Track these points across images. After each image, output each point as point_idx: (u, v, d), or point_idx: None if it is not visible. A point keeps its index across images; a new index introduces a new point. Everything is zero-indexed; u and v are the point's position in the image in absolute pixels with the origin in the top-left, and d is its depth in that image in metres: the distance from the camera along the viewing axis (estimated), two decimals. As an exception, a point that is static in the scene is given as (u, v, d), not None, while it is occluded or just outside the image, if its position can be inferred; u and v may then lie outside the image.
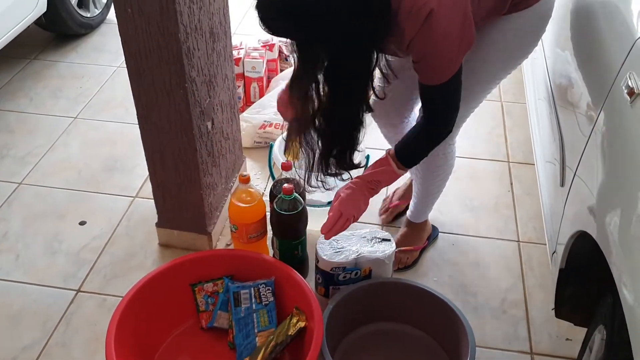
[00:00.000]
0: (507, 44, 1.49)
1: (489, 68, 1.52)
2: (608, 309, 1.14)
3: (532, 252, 1.95)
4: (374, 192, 1.52)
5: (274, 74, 2.60)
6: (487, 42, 1.47)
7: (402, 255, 1.89)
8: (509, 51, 1.51)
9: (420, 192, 1.83)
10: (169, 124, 1.67)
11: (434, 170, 1.74)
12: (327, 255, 1.62)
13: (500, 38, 1.46)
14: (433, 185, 1.80)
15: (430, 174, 1.76)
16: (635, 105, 1.05)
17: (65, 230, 2.01)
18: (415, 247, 1.92)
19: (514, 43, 1.49)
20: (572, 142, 1.40)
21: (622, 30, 1.19)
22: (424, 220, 1.92)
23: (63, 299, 1.78)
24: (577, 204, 1.27)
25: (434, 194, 1.84)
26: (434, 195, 1.84)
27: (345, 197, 1.51)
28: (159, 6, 1.45)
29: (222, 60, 1.82)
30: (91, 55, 2.96)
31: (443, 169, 1.75)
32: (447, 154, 1.70)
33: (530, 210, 2.10)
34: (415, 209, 1.88)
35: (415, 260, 1.92)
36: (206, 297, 1.66)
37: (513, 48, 1.51)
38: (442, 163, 1.72)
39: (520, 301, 1.81)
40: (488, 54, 1.48)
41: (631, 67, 1.09)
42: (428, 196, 1.84)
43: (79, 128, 2.48)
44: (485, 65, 1.51)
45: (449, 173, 1.78)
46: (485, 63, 1.50)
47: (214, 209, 1.92)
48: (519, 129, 2.48)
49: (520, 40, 1.49)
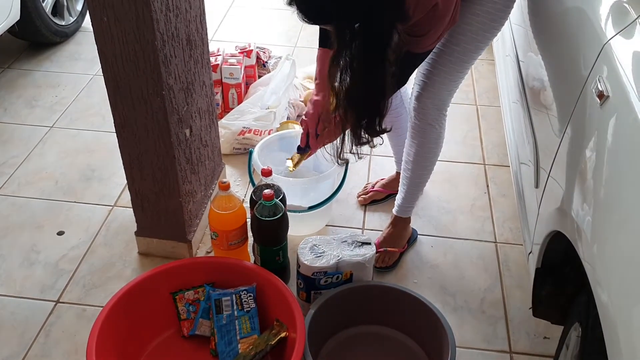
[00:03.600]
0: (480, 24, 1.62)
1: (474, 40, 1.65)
2: (583, 307, 1.16)
3: (509, 253, 1.98)
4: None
5: (252, 80, 2.61)
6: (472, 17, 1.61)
7: (385, 255, 1.92)
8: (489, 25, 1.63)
9: (411, 179, 1.88)
10: (147, 132, 1.67)
11: (428, 147, 1.82)
12: (308, 260, 1.63)
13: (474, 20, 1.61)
14: (425, 168, 1.87)
15: (424, 152, 1.83)
16: (604, 107, 1.08)
17: (43, 240, 1.99)
18: (398, 249, 1.95)
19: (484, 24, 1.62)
20: (545, 144, 1.43)
21: (591, 35, 1.22)
22: (408, 216, 1.96)
23: (42, 311, 1.77)
24: (551, 205, 1.30)
25: (424, 179, 1.90)
26: (423, 181, 1.90)
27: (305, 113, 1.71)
28: (135, 15, 1.46)
29: (199, 67, 1.82)
30: (66, 63, 2.93)
31: (438, 142, 1.82)
32: (441, 125, 1.79)
33: (506, 211, 2.14)
34: (403, 200, 1.92)
35: (395, 262, 1.94)
36: (187, 305, 1.66)
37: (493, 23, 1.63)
38: (438, 134, 1.80)
39: (499, 301, 1.83)
40: (464, 35, 1.63)
41: (600, 70, 1.12)
42: (419, 183, 1.89)
43: (55, 137, 2.46)
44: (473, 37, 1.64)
45: (439, 150, 1.85)
46: (462, 43, 1.64)
47: (193, 217, 1.92)
48: (493, 132, 2.52)
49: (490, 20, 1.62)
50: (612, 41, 1.11)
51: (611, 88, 1.06)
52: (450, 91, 1.75)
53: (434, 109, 1.74)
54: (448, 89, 1.73)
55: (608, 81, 1.07)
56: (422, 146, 1.81)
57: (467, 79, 2.80)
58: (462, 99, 2.68)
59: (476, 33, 1.62)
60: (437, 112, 1.76)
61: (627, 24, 1.09)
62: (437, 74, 1.69)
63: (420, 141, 1.80)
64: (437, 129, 1.79)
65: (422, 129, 1.78)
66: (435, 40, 1.54)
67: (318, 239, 1.71)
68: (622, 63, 1.07)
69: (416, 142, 1.81)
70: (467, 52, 1.66)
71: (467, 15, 1.59)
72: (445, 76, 1.69)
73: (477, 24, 1.60)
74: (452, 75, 1.70)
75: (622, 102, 1.02)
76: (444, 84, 1.70)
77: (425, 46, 1.55)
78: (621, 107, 1.03)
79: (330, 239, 1.71)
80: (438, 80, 1.70)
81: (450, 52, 1.65)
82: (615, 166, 1.02)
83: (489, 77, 2.86)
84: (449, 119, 1.78)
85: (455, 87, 1.75)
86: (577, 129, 1.20)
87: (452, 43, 1.64)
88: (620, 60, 1.07)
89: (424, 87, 1.72)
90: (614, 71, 1.07)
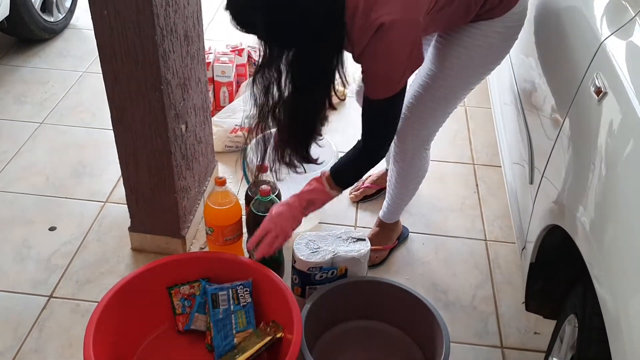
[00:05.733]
0: (471, 57, 1.51)
1: (462, 75, 1.55)
2: (578, 299, 1.19)
3: (499, 250, 2.01)
4: (307, 211, 1.54)
5: (243, 79, 2.62)
6: (453, 55, 1.51)
7: (372, 254, 1.92)
8: (472, 65, 1.53)
9: (394, 195, 1.87)
10: (143, 127, 1.67)
11: (409, 177, 1.79)
12: (304, 256, 1.65)
13: (463, 52, 1.50)
14: (407, 189, 1.84)
15: (405, 180, 1.80)
16: (602, 103, 1.11)
17: (35, 236, 1.98)
18: (385, 247, 1.96)
19: (478, 56, 1.51)
20: (541, 140, 1.46)
21: (588, 34, 1.26)
22: (395, 221, 1.97)
23: (35, 305, 1.76)
24: (547, 199, 1.33)
25: (408, 198, 1.89)
26: (407, 199, 1.89)
27: (275, 213, 1.53)
28: (136, 8, 1.46)
29: (195, 64, 1.83)
30: (55, 60, 2.92)
31: (418, 175, 1.79)
32: (422, 160, 1.74)
33: (496, 210, 2.17)
34: (388, 210, 1.93)
35: (384, 259, 1.96)
36: (183, 299, 1.66)
37: (485, 59, 1.54)
38: (417, 170, 1.77)
39: (490, 297, 1.86)
40: (452, 69, 1.52)
41: (598, 68, 1.15)
42: (401, 199, 1.88)
43: (45, 133, 2.44)
44: (460, 71, 1.54)
45: (423, 177, 1.83)
46: (450, 78, 1.54)
47: (187, 213, 1.92)
48: (482, 133, 2.55)
49: (485, 53, 1.51)
50: (610, 39, 1.15)
51: (609, 84, 1.09)
52: (434, 129, 1.65)
53: (415, 145, 1.66)
54: (432, 126, 1.63)
55: (606, 78, 1.11)
56: (403, 175, 1.77)
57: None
58: (450, 100, 2.72)
59: (466, 67, 1.51)
60: (419, 148, 1.67)
61: (626, 21, 1.13)
62: (421, 109, 1.58)
63: (401, 171, 1.76)
64: (418, 164, 1.72)
65: (400, 164, 1.72)
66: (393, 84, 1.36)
67: (313, 234, 1.72)
68: (619, 60, 1.10)
69: (396, 169, 1.76)
70: (458, 85, 1.55)
71: (455, 48, 1.49)
72: (430, 112, 1.59)
73: (467, 57, 1.49)
74: (437, 112, 1.59)
75: (620, 98, 1.06)
76: (427, 120, 1.60)
77: (375, 90, 1.38)
78: (619, 103, 1.06)
79: (326, 235, 1.72)
80: (421, 116, 1.59)
81: (437, 86, 1.54)
82: (613, 160, 1.05)
83: (476, 79, 2.90)
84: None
85: (440, 124, 1.65)
86: (575, 124, 1.23)
87: (439, 77, 1.52)
88: (618, 58, 1.11)
89: (405, 123, 1.61)
90: (611, 68, 1.10)
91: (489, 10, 1.44)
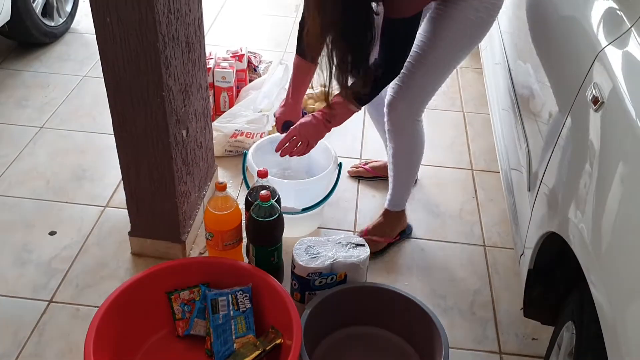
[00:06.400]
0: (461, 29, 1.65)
1: (450, 46, 1.67)
2: (576, 306, 1.20)
3: (498, 256, 2.02)
4: (330, 124, 1.70)
5: (243, 84, 2.63)
6: (444, 27, 1.64)
7: (372, 245, 1.91)
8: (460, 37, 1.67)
9: (395, 176, 1.92)
10: (145, 133, 1.68)
11: (406, 150, 1.86)
12: (303, 261, 1.66)
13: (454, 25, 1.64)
14: (406, 168, 1.90)
15: (403, 154, 1.86)
16: (599, 112, 1.12)
17: (35, 240, 1.99)
18: (385, 239, 1.99)
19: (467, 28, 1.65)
20: (538, 147, 1.47)
21: (585, 44, 1.27)
22: (401, 209, 2.00)
23: (35, 310, 1.76)
24: (545, 207, 1.34)
25: (409, 178, 1.94)
26: (408, 180, 1.94)
27: (299, 124, 1.72)
28: (139, 16, 1.47)
29: (196, 70, 1.84)
30: (56, 64, 2.92)
31: (415, 149, 1.86)
32: (415, 131, 1.81)
33: (494, 215, 2.18)
34: (392, 196, 1.97)
35: (380, 251, 1.97)
36: (182, 305, 1.67)
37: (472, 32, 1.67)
38: (413, 142, 1.83)
39: (488, 303, 1.87)
40: (442, 40, 1.65)
41: (595, 78, 1.16)
42: (402, 181, 1.94)
43: (46, 137, 2.45)
44: (439, 49, 1.66)
45: (420, 154, 1.88)
46: (440, 48, 1.66)
47: (187, 218, 1.93)
48: (480, 138, 2.57)
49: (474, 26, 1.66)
50: (607, 49, 1.16)
51: (606, 94, 1.10)
52: (424, 99, 1.73)
53: (406, 115, 1.74)
54: (422, 95, 1.72)
55: (603, 87, 1.12)
56: (398, 151, 1.85)
57: (454, 86, 2.85)
58: (449, 105, 2.73)
59: (455, 38, 1.63)
60: (410, 118, 1.76)
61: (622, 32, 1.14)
62: (412, 77, 1.68)
63: (395, 146, 1.84)
64: (410, 136, 1.80)
65: (394, 136, 1.80)
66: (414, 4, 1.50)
67: (313, 240, 1.73)
68: (616, 70, 1.11)
69: (392, 145, 1.84)
70: (447, 56, 1.66)
71: (446, 21, 1.61)
72: (421, 80, 1.68)
73: (457, 29, 1.62)
74: (429, 79, 1.69)
75: (617, 108, 1.07)
76: (419, 89, 1.69)
77: (396, 8, 1.50)
78: (616, 112, 1.07)
79: (325, 240, 1.73)
80: (413, 84, 1.68)
81: (427, 56, 1.64)
82: (610, 168, 1.06)
83: (475, 84, 2.91)
84: (436, 125, 1.82)
85: (430, 95, 1.73)
86: (572, 133, 1.25)
87: (430, 47, 1.63)
88: (615, 67, 1.12)
89: (397, 91, 1.71)
90: (608, 78, 1.12)
91: None
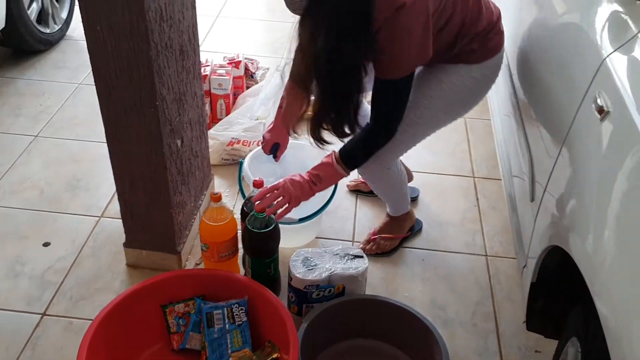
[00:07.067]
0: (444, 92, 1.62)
1: (432, 107, 1.64)
2: (580, 320, 1.17)
3: (500, 266, 1.99)
4: (316, 187, 1.62)
5: (240, 91, 2.60)
6: (435, 83, 1.62)
7: (382, 242, 1.97)
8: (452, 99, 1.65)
9: (384, 199, 1.96)
10: (139, 143, 1.64)
11: (382, 190, 1.91)
12: (300, 273, 1.62)
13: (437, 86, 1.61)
14: (390, 195, 1.93)
15: (382, 189, 1.90)
16: (605, 122, 1.09)
17: (28, 252, 1.95)
18: (396, 236, 1.98)
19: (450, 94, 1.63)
20: (541, 158, 1.44)
21: (589, 50, 1.23)
22: (402, 213, 1.99)
23: (28, 323, 1.72)
24: (548, 219, 1.30)
25: (399, 197, 1.94)
26: (398, 198, 1.94)
27: (289, 177, 1.62)
28: (129, 24, 1.44)
29: (191, 78, 1.80)
30: (51, 72, 2.89)
31: (389, 188, 1.88)
32: (387, 176, 1.80)
33: (496, 224, 2.14)
34: (388, 207, 1.99)
35: (395, 248, 1.99)
36: (177, 318, 1.63)
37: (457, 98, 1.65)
38: (386, 185, 1.85)
39: (490, 314, 1.83)
40: (424, 98, 1.62)
41: (599, 86, 1.13)
42: (392, 199, 1.95)
43: (40, 146, 2.41)
44: (430, 102, 1.63)
45: (400, 187, 1.89)
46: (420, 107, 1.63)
47: (183, 228, 1.89)
48: (482, 145, 2.53)
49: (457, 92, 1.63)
50: (612, 56, 1.12)
51: (611, 103, 1.07)
52: (397, 154, 1.70)
53: (377, 168, 1.73)
54: (395, 151, 1.68)
55: (608, 96, 1.08)
56: (376, 190, 1.90)
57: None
58: (449, 111, 2.69)
59: (437, 100, 1.60)
60: (381, 171, 1.74)
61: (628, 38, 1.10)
62: None
63: (372, 185, 1.88)
64: (384, 182, 1.81)
65: (367, 181, 1.82)
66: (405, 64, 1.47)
67: (310, 251, 1.70)
68: (622, 78, 1.07)
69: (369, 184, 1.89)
70: (423, 118, 1.63)
71: (431, 80, 1.59)
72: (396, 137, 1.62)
73: (439, 91, 1.60)
74: (403, 138, 1.64)
75: (623, 118, 1.03)
76: (392, 144, 1.63)
77: (387, 70, 1.47)
78: (622, 123, 1.04)
79: (323, 252, 1.69)
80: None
81: (407, 112, 1.59)
82: (616, 181, 1.02)
83: (476, 90, 2.87)
84: (439, 131, 1.78)
85: (404, 151, 1.70)
86: (576, 144, 1.21)
87: (412, 105, 1.58)
88: (620, 76, 1.08)
89: None
90: (614, 86, 1.08)
91: (469, 52, 1.58)
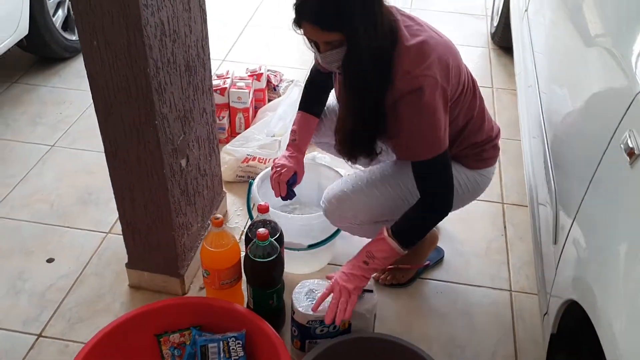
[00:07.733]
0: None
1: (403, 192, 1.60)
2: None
3: (524, 302, 1.84)
4: (369, 269, 1.49)
5: (261, 104, 2.51)
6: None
7: (398, 273, 1.85)
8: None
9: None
10: (139, 163, 1.57)
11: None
12: (303, 307, 1.51)
13: None
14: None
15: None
16: (635, 166, 0.94)
17: (31, 268, 1.90)
18: (413, 266, 1.87)
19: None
20: (565, 199, 1.30)
21: (621, 81, 1.09)
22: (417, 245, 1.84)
23: (22, 344, 1.67)
24: (569, 270, 1.16)
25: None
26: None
27: (336, 276, 1.50)
28: (127, 39, 1.36)
29: (199, 94, 1.72)
30: (74, 80, 2.85)
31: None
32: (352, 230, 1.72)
33: (523, 256, 1.99)
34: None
35: (411, 279, 1.87)
36: (172, 348, 1.55)
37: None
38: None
39: (511, 356, 1.69)
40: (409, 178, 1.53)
41: (631, 124, 0.98)
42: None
43: (55, 157, 2.37)
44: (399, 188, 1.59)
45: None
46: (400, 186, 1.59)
47: (187, 250, 1.81)
48: (514, 169, 2.38)
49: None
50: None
51: (643, 146, 0.93)
52: (358, 212, 1.61)
53: (336, 213, 1.64)
54: (355, 205, 1.60)
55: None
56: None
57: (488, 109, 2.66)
58: (481, 131, 2.54)
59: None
60: (340, 219, 1.65)
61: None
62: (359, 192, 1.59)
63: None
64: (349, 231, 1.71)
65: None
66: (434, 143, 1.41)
67: (315, 283, 1.59)
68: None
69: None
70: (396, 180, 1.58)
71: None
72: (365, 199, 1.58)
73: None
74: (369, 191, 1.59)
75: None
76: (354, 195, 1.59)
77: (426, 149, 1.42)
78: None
79: (329, 283, 1.58)
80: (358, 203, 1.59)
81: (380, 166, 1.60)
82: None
83: (510, 108, 2.72)
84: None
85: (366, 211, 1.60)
86: (602, 189, 1.06)
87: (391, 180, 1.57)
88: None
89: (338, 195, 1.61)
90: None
91: (463, 157, 1.61)
